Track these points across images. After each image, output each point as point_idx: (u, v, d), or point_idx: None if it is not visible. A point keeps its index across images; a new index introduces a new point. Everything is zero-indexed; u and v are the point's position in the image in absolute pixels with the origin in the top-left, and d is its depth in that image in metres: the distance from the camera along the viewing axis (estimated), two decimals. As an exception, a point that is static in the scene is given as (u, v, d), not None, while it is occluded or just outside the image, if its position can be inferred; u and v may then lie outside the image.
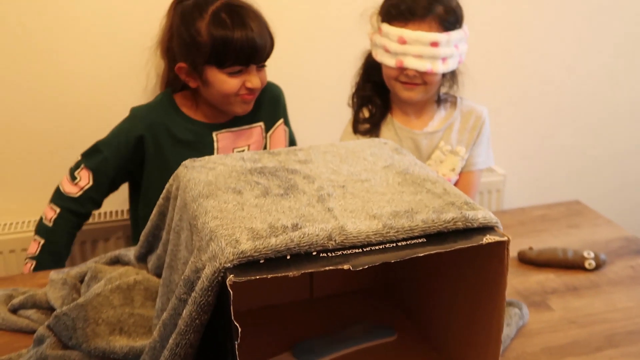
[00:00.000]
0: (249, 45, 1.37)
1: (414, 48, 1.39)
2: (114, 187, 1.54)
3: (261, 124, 1.58)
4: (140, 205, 1.56)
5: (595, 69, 2.17)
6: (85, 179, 1.46)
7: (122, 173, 1.51)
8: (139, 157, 1.48)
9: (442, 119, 1.56)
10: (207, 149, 1.50)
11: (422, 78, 1.44)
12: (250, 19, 1.39)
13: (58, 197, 1.47)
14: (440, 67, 1.42)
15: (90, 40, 1.71)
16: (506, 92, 2.10)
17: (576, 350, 0.99)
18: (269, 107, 1.59)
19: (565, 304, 1.11)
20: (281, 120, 1.63)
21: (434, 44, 1.39)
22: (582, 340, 1.02)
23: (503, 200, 2.08)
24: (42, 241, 1.43)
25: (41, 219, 1.46)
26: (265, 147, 1.59)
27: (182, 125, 1.50)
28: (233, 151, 1.53)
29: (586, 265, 1.22)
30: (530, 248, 1.26)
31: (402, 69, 1.43)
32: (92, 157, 1.47)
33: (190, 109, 1.52)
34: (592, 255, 1.22)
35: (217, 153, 1.50)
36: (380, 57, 1.45)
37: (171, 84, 1.54)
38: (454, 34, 1.42)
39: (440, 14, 1.41)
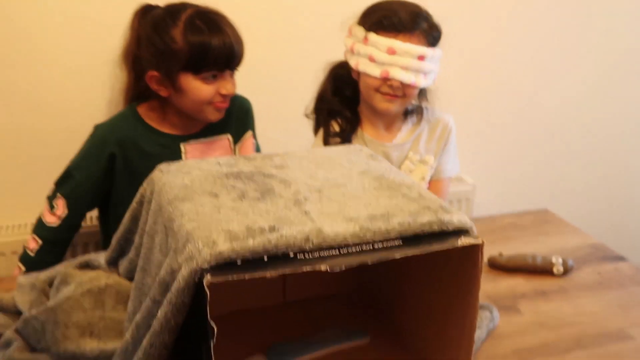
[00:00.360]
0: (227, 50, 1.37)
1: (402, 59, 1.39)
2: (91, 207, 1.52)
3: (229, 135, 1.57)
4: (110, 219, 1.53)
5: (564, 79, 2.22)
6: (61, 207, 1.43)
7: (97, 193, 1.48)
8: (111, 175, 1.46)
9: (410, 130, 1.57)
10: (175, 159, 1.47)
11: (403, 90, 1.45)
12: (225, 24, 1.39)
13: (40, 227, 1.44)
14: (422, 82, 1.44)
15: (52, 55, 1.69)
16: (475, 102, 2.14)
17: (545, 352, 1.01)
18: (237, 118, 1.58)
19: (535, 308, 1.13)
20: (249, 133, 1.62)
21: (421, 58, 1.40)
22: (551, 342, 1.04)
23: (472, 209, 2.11)
24: (24, 269, 1.41)
25: (25, 247, 1.43)
26: None
27: (149, 138, 1.47)
28: None
29: (554, 270, 1.24)
30: (501, 254, 1.28)
31: (386, 80, 1.43)
32: (65, 183, 1.44)
33: (156, 120, 1.50)
34: (560, 261, 1.25)
35: None
36: (363, 66, 1.44)
37: (136, 96, 1.51)
38: (437, 51, 1.44)
39: (426, 29, 1.43)
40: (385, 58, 1.40)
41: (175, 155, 1.48)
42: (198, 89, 1.39)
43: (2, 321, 1.02)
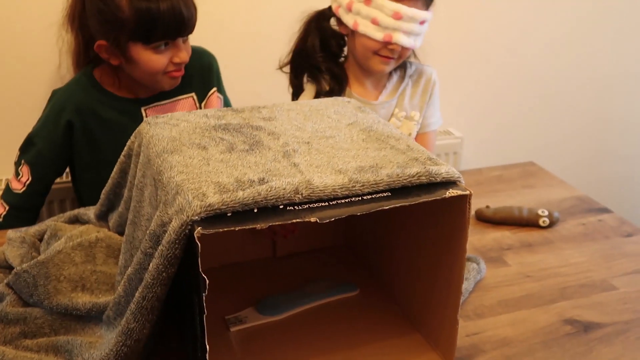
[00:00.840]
0: (176, 17, 1.29)
1: (406, 25, 1.37)
2: (58, 174, 1.48)
3: (193, 94, 1.52)
4: (77, 184, 1.51)
5: (551, 32, 2.21)
6: (25, 174, 1.40)
7: (61, 160, 1.45)
8: (70, 143, 1.42)
9: (394, 86, 1.56)
10: (136, 124, 1.40)
11: (400, 52, 1.44)
12: None
13: (6, 193, 1.42)
14: (419, 44, 1.43)
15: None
16: (461, 55, 2.12)
17: (531, 303, 1.03)
18: (200, 76, 1.52)
19: (521, 260, 1.15)
20: (214, 89, 1.56)
21: (422, 22, 1.39)
22: (537, 293, 1.05)
23: (460, 162, 2.12)
24: None
25: None
26: None
27: (107, 104, 1.42)
28: None
29: (540, 222, 1.25)
30: (487, 207, 1.30)
31: (387, 44, 1.41)
32: (27, 150, 1.41)
33: (113, 85, 1.44)
34: (546, 213, 1.26)
35: None
36: (364, 28, 1.40)
37: (87, 59, 1.45)
38: (431, 12, 1.42)
39: None
40: (390, 22, 1.37)
41: (136, 120, 1.41)
42: (149, 59, 1.33)
43: (-7, 276, 1.03)
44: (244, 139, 0.87)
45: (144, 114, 1.44)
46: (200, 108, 1.53)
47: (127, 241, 0.91)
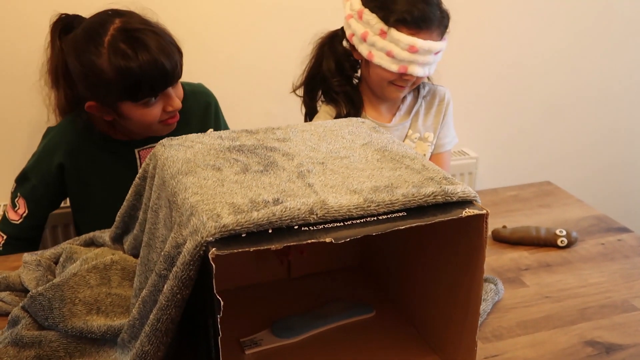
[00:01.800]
0: (159, 71, 1.24)
1: (422, 57, 1.37)
2: (53, 208, 1.47)
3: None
4: (75, 221, 1.50)
5: (561, 48, 2.20)
6: (22, 206, 1.39)
7: (56, 197, 1.44)
8: (63, 183, 1.41)
9: (408, 107, 1.56)
10: (130, 166, 1.40)
11: (415, 81, 1.44)
12: (151, 39, 1.24)
13: (4, 222, 1.41)
14: (432, 71, 1.44)
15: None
16: (477, 75, 2.12)
17: (550, 324, 1.01)
18: (197, 116, 1.47)
19: (539, 280, 1.13)
20: (210, 131, 1.49)
21: (437, 53, 1.39)
22: (556, 314, 1.04)
23: (475, 182, 2.11)
24: None
25: None
26: None
27: (100, 146, 1.39)
28: None
29: (558, 242, 1.24)
30: (504, 226, 1.28)
31: (402, 75, 1.41)
32: (23, 184, 1.40)
33: (108, 126, 1.39)
34: (564, 233, 1.25)
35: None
36: (379, 59, 1.39)
37: (74, 108, 1.39)
38: (446, 41, 1.43)
39: (440, 20, 1.39)
40: (405, 55, 1.36)
41: (129, 162, 1.40)
42: (142, 114, 1.29)
43: (9, 299, 1.03)
44: (259, 160, 0.87)
45: (137, 155, 1.41)
46: None
47: (142, 263, 0.91)
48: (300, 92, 1.58)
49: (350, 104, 1.51)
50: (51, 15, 1.35)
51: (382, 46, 1.38)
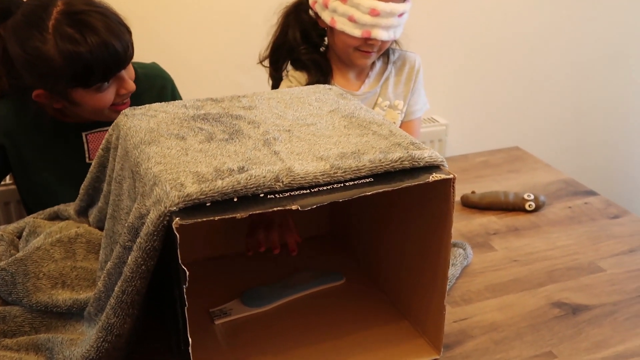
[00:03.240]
0: (110, 54, 1.16)
1: (384, 20, 1.35)
2: None
3: None
4: (24, 202, 1.42)
5: (536, 20, 2.20)
6: None
7: None
8: (5, 163, 1.32)
9: (377, 73, 1.54)
10: (77, 150, 1.32)
11: (380, 45, 1.42)
12: (98, 21, 1.16)
13: None
14: (399, 34, 1.41)
15: None
16: (448, 41, 2.11)
17: (518, 287, 1.02)
18: (152, 98, 1.36)
19: (507, 244, 1.14)
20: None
21: (401, 15, 1.37)
22: (524, 277, 1.05)
23: (445, 149, 2.11)
24: None
25: None
26: None
27: (45, 128, 1.30)
28: None
29: (526, 207, 1.25)
30: (473, 192, 1.29)
31: (367, 40, 1.39)
32: None
33: (53, 109, 1.30)
34: (532, 197, 1.25)
35: (89, 154, 1.31)
36: (341, 25, 1.38)
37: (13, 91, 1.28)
38: (409, 3, 1.41)
39: None
40: (367, 19, 1.34)
41: (75, 145, 1.32)
42: (93, 99, 1.21)
43: (-28, 275, 1.00)
44: (224, 129, 0.85)
45: (84, 139, 1.33)
46: None
47: (107, 235, 0.89)
48: (267, 63, 1.55)
49: (319, 71, 1.49)
50: None
51: (344, 11, 1.36)
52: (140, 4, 1.73)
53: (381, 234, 0.97)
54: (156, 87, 1.40)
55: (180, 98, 1.46)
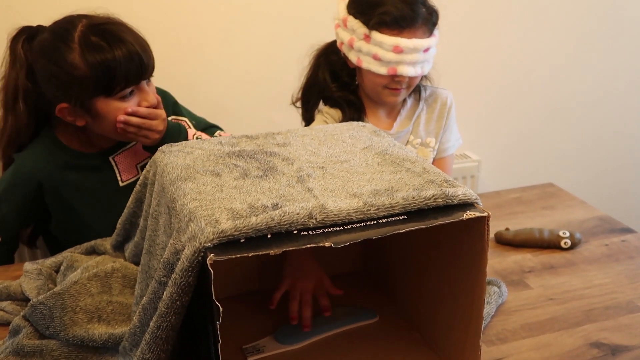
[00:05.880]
0: (135, 61, 1.21)
1: (409, 56, 1.36)
2: (26, 227, 1.40)
3: None
4: (51, 243, 1.44)
5: (567, 54, 2.19)
6: None
7: (28, 218, 1.36)
8: (42, 203, 1.32)
9: (409, 111, 1.55)
10: (109, 176, 1.35)
11: (409, 82, 1.44)
12: (124, 32, 1.23)
13: None
14: (427, 69, 1.42)
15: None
16: (479, 77, 2.12)
17: (555, 326, 1.00)
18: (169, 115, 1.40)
19: (543, 282, 1.13)
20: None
21: (426, 50, 1.39)
22: (561, 316, 1.03)
23: (478, 185, 2.10)
24: None
25: None
26: None
27: (77, 164, 1.33)
28: (136, 166, 1.38)
29: (562, 244, 1.23)
30: (507, 229, 1.27)
31: (393, 77, 1.40)
32: None
33: (80, 143, 1.34)
34: (567, 234, 1.24)
35: (120, 175, 1.35)
36: (367, 64, 1.39)
37: (28, 136, 1.33)
38: (437, 34, 1.42)
39: (426, 17, 1.38)
40: (391, 57, 1.36)
41: (107, 171, 1.35)
42: (117, 109, 1.23)
43: (10, 308, 1.02)
44: (258, 165, 0.86)
45: (113, 163, 1.35)
46: None
47: (143, 271, 0.90)
48: (299, 104, 1.58)
49: (352, 108, 1.51)
50: (9, 31, 1.28)
51: (368, 50, 1.38)
52: (179, 45, 1.79)
53: (415, 271, 0.97)
54: (169, 104, 1.44)
55: (185, 108, 1.50)
